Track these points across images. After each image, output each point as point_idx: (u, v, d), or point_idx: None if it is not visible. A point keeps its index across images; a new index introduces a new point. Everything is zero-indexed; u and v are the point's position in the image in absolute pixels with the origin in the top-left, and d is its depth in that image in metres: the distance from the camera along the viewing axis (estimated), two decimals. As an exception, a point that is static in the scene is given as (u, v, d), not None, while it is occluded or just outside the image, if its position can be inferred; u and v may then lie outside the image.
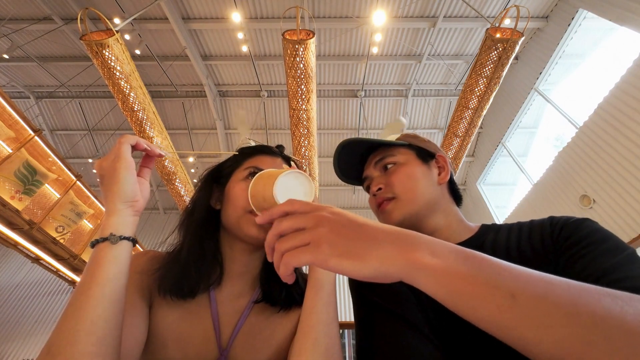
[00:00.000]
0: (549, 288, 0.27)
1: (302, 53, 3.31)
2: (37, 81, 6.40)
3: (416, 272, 0.31)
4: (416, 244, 0.32)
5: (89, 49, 2.96)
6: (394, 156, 0.71)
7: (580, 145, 4.21)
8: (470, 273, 0.29)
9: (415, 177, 0.67)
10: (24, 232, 3.22)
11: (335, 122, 6.98)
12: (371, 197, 0.72)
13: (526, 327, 0.27)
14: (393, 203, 0.66)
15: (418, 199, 0.65)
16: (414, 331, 0.46)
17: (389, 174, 0.69)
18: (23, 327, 6.26)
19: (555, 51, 4.80)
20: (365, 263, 0.32)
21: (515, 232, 0.58)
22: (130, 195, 0.48)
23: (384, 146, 0.73)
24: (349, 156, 0.77)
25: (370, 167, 0.74)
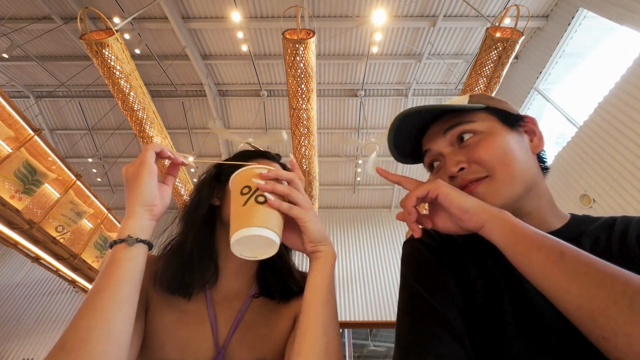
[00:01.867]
0: (594, 259, 0.34)
1: (302, 52, 3.31)
2: (37, 81, 6.40)
3: (497, 221, 0.43)
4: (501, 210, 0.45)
5: (89, 48, 2.95)
6: (473, 122, 0.54)
7: (580, 145, 4.21)
8: (534, 232, 0.40)
9: (510, 148, 0.52)
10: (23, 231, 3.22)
11: (335, 121, 6.98)
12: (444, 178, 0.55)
13: (564, 277, 0.34)
14: (486, 184, 0.51)
15: (518, 177, 0.50)
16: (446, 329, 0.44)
17: (471, 147, 0.53)
18: (23, 327, 6.26)
19: (555, 50, 4.79)
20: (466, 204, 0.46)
21: (617, 233, 0.48)
22: (148, 200, 0.50)
23: (454, 111, 0.57)
24: (406, 129, 0.60)
25: (437, 137, 0.57)
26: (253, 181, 0.52)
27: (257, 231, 0.47)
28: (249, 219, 0.48)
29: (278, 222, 0.50)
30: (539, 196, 0.53)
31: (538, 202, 0.53)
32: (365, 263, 7.35)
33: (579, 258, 0.35)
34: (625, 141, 3.61)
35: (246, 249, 0.50)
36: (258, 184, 0.51)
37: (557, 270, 0.35)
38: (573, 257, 0.35)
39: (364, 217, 8.37)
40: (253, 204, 0.50)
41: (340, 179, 8.10)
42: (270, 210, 0.50)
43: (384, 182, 8.13)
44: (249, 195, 0.50)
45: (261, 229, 0.47)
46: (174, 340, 0.59)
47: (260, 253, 0.51)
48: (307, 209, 0.52)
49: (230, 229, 0.49)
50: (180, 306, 0.62)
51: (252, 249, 0.50)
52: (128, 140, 7.31)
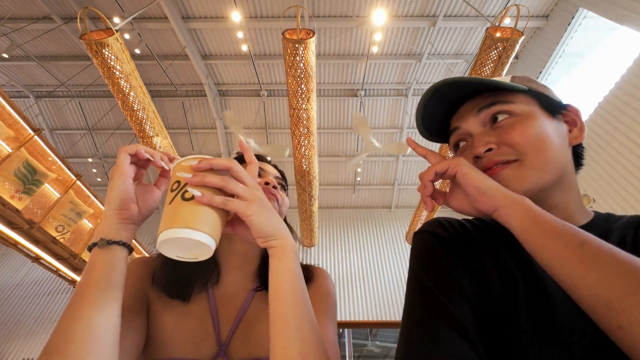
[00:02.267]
0: (616, 250, 0.33)
1: (302, 52, 3.31)
2: (37, 80, 6.40)
3: (514, 206, 0.42)
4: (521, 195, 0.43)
5: (89, 48, 2.96)
6: (512, 104, 0.51)
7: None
8: (554, 219, 0.38)
9: (547, 134, 0.49)
10: (24, 231, 3.22)
11: (335, 121, 6.98)
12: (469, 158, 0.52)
13: (582, 265, 0.33)
14: (514, 168, 0.48)
15: (550, 164, 0.48)
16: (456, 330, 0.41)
17: (504, 128, 0.50)
18: (23, 327, 6.27)
19: (555, 50, 4.80)
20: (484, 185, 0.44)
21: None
22: (117, 203, 0.48)
23: (492, 90, 0.53)
24: (436, 105, 0.56)
25: (469, 115, 0.53)
26: (179, 176, 0.45)
27: (180, 233, 0.41)
28: (172, 219, 0.42)
29: (211, 220, 0.44)
30: (568, 189, 0.51)
31: (566, 196, 0.50)
32: (365, 263, 7.35)
33: (600, 248, 0.34)
34: (625, 141, 3.61)
35: (177, 250, 0.45)
36: (184, 177, 0.45)
37: (576, 258, 0.34)
38: (594, 246, 0.34)
39: (364, 217, 8.37)
40: (179, 201, 0.44)
41: (340, 179, 8.10)
42: (199, 208, 0.43)
43: (384, 182, 8.13)
44: (177, 192, 0.45)
45: (185, 230, 0.41)
46: (176, 338, 0.59)
47: (198, 254, 0.46)
48: (250, 201, 0.45)
49: (158, 229, 0.44)
50: (182, 305, 0.62)
51: (184, 250, 0.45)
52: (128, 140, 7.31)
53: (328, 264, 7.39)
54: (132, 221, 0.50)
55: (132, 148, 0.51)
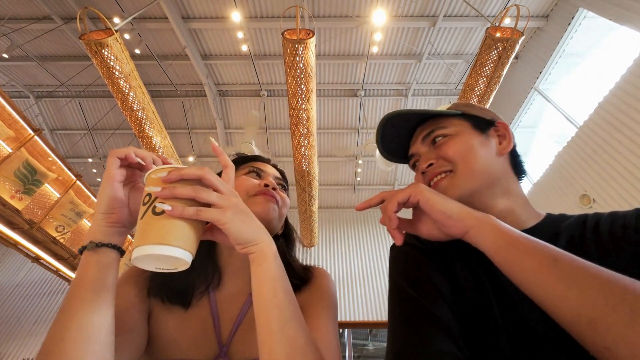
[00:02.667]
0: (587, 264, 0.33)
1: (302, 52, 3.31)
2: (37, 81, 6.40)
3: (483, 227, 0.43)
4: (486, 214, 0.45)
5: (88, 48, 2.96)
6: (445, 128, 0.62)
7: (580, 145, 4.21)
8: (523, 237, 0.40)
9: (471, 145, 0.59)
10: (24, 231, 3.22)
11: (335, 121, 6.98)
12: (419, 176, 0.64)
13: (560, 283, 0.33)
14: (449, 178, 0.57)
15: (477, 171, 0.56)
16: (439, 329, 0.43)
17: (441, 146, 0.60)
18: (23, 327, 6.26)
19: (555, 50, 4.79)
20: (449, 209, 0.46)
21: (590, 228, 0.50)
22: (104, 207, 0.48)
23: (434, 118, 0.65)
24: (395, 132, 0.67)
25: (417, 142, 0.65)
26: (147, 189, 0.44)
27: (152, 249, 0.40)
28: (144, 235, 0.41)
29: (184, 233, 0.43)
30: (509, 195, 0.57)
31: (509, 201, 0.57)
32: (365, 263, 7.34)
33: (573, 263, 0.34)
34: (625, 141, 3.61)
35: (153, 263, 0.44)
36: (153, 191, 0.43)
37: (552, 276, 0.34)
38: (566, 262, 0.34)
39: (364, 217, 8.37)
40: (150, 216, 0.42)
41: (340, 179, 8.10)
42: (171, 222, 0.42)
43: (384, 182, 8.13)
44: (147, 206, 0.43)
45: (157, 247, 0.40)
46: (178, 340, 0.60)
47: (176, 265, 0.44)
48: (224, 208, 0.44)
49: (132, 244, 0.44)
50: (184, 309, 0.63)
51: (161, 263, 0.44)
52: (128, 140, 7.31)
53: (328, 264, 7.39)
54: (122, 224, 0.50)
55: (122, 152, 0.50)
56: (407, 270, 0.53)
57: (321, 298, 0.67)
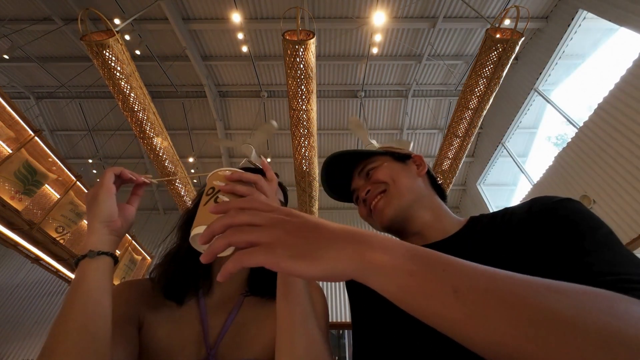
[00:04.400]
0: (492, 282, 0.28)
1: (302, 53, 3.31)
2: (37, 81, 6.41)
3: (369, 271, 0.31)
4: (370, 243, 0.32)
5: (89, 49, 2.96)
6: (373, 162, 0.76)
7: (580, 145, 4.21)
8: (418, 270, 0.30)
9: (396, 170, 0.72)
10: (23, 232, 3.21)
11: (335, 122, 6.98)
12: (361, 206, 0.75)
13: (467, 320, 0.27)
14: (384, 198, 0.69)
15: (404, 188, 0.68)
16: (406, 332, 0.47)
17: (372, 174, 0.73)
18: (23, 327, 6.26)
19: (555, 51, 4.80)
20: (319, 263, 0.31)
21: (499, 219, 0.58)
22: (106, 216, 0.53)
23: (363, 158, 0.78)
24: (337, 174, 0.80)
25: (355, 179, 0.78)
26: (214, 183, 0.53)
27: None
28: (204, 218, 0.49)
29: None
30: (433, 208, 0.68)
31: (432, 214, 0.67)
32: (366, 264, 7.33)
33: (473, 287, 0.28)
34: (625, 142, 3.61)
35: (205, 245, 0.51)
36: (218, 184, 0.52)
37: (459, 314, 0.27)
38: (466, 289, 0.28)
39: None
40: (212, 204, 0.50)
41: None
42: None
43: (384, 183, 8.13)
44: (211, 196, 0.52)
45: None
46: (167, 347, 0.62)
47: None
48: None
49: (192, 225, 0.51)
50: (174, 316, 0.65)
51: None
52: (128, 141, 7.32)
53: (328, 265, 7.38)
54: (117, 234, 0.55)
55: (118, 169, 0.58)
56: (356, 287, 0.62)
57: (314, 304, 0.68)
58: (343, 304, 6.74)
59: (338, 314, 6.63)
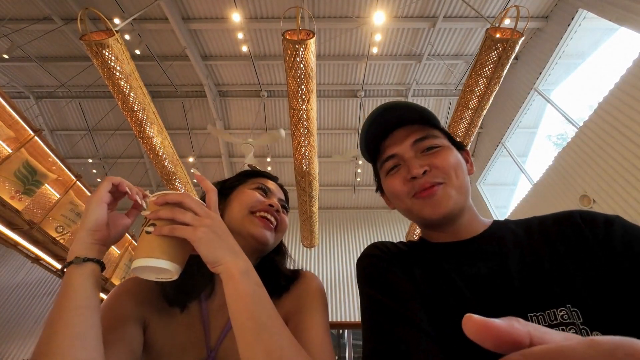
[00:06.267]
0: None
1: (302, 53, 3.31)
2: (37, 81, 6.40)
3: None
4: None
5: (89, 49, 2.96)
6: (437, 138, 0.65)
7: (580, 145, 4.21)
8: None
9: (460, 163, 0.63)
10: (23, 232, 3.21)
11: (335, 122, 6.98)
12: (401, 181, 0.63)
13: None
14: (443, 188, 0.60)
15: (464, 187, 0.62)
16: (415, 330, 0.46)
17: (434, 156, 0.62)
18: (23, 327, 6.26)
19: (555, 51, 4.80)
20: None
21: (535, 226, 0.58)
22: (91, 225, 0.53)
23: (420, 124, 0.67)
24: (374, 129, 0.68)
25: (405, 145, 0.64)
26: (142, 213, 0.54)
27: (144, 262, 0.49)
28: (138, 250, 0.50)
29: (169, 248, 0.51)
30: (469, 209, 0.63)
31: (469, 214, 0.63)
32: (365, 264, 7.33)
33: None
34: (625, 141, 3.61)
35: (150, 274, 0.52)
36: (144, 214, 0.53)
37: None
38: None
39: (364, 218, 8.37)
40: (143, 235, 0.51)
41: (340, 180, 8.10)
42: (156, 238, 0.50)
43: (384, 183, 8.12)
44: (142, 227, 0.52)
45: (147, 260, 0.49)
46: (169, 349, 0.62)
47: (169, 275, 0.52)
48: (195, 227, 0.51)
49: None
50: (176, 318, 0.65)
51: (155, 274, 0.52)
52: (128, 141, 7.32)
53: (328, 264, 7.39)
54: (103, 242, 0.54)
55: (117, 179, 0.58)
56: (373, 279, 0.57)
57: (310, 300, 0.68)
58: (343, 303, 6.74)
59: (338, 313, 6.63)
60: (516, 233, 0.58)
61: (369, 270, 0.59)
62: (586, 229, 0.53)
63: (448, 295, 0.52)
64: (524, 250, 0.54)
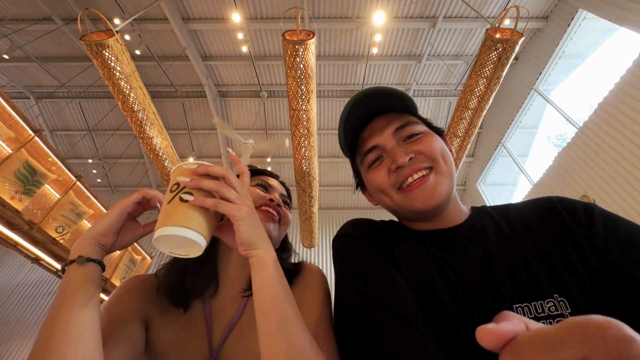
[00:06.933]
0: None
1: (302, 53, 3.31)
2: (37, 81, 6.40)
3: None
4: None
5: (89, 49, 2.96)
6: (417, 124, 0.61)
7: (580, 145, 4.21)
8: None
9: (446, 149, 0.60)
10: (23, 232, 3.22)
11: (335, 122, 6.98)
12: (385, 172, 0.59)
13: None
14: (434, 176, 0.57)
15: (453, 174, 0.58)
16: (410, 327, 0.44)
17: (416, 143, 0.58)
18: (23, 328, 6.26)
19: (555, 51, 4.80)
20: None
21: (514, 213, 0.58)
22: (99, 230, 0.52)
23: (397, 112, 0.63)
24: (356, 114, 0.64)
25: (386, 135, 0.61)
26: (178, 178, 0.49)
27: (175, 230, 0.45)
28: (169, 217, 0.46)
29: (203, 221, 0.47)
30: (455, 195, 0.61)
31: (454, 200, 0.61)
32: (365, 264, 7.32)
33: None
34: (625, 141, 3.61)
35: (170, 246, 0.49)
36: (182, 180, 0.48)
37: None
38: None
39: (364, 218, 8.35)
40: (177, 202, 0.47)
41: (340, 180, 8.10)
42: (193, 209, 0.47)
43: (384, 183, 8.12)
44: (175, 193, 0.48)
45: (179, 229, 0.45)
46: (172, 348, 0.62)
47: (190, 251, 0.49)
48: (239, 205, 0.49)
49: (155, 226, 0.48)
50: (180, 317, 0.65)
51: (177, 247, 0.49)
52: (128, 141, 7.32)
53: (328, 264, 7.38)
54: (106, 248, 0.53)
55: (151, 194, 0.57)
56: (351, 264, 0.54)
57: (315, 293, 0.67)
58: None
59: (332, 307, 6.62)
60: (497, 222, 0.57)
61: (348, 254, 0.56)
62: (567, 217, 0.53)
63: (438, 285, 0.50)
64: (507, 240, 0.53)
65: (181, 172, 0.50)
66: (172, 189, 0.49)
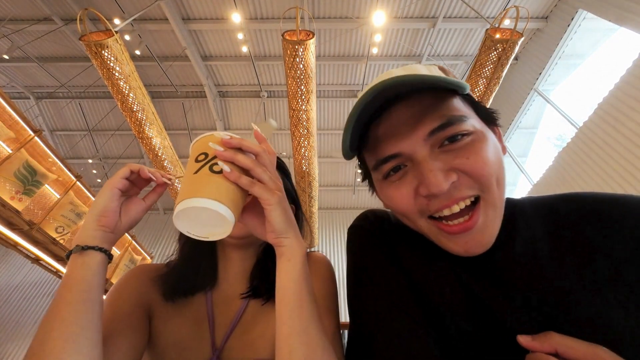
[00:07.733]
0: None
1: (302, 53, 3.31)
2: (37, 82, 6.40)
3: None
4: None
5: (88, 49, 2.96)
6: (466, 119, 0.40)
7: (580, 145, 4.21)
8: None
9: (499, 159, 0.41)
10: (23, 232, 3.22)
11: (335, 122, 6.98)
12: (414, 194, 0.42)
13: None
14: (483, 211, 0.40)
15: (503, 197, 0.42)
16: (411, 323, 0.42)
17: (462, 152, 0.39)
18: (23, 328, 6.26)
19: (554, 51, 4.80)
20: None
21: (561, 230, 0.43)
22: (98, 210, 0.49)
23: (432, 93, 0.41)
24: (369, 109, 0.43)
25: (415, 138, 0.40)
26: (210, 146, 0.43)
27: (205, 203, 0.39)
28: (198, 188, 0.40)
29: (234, 198, 0.42)
30: None
31: None
32: (365, 264, 7.32)
33: None
34: (624, 142, 3.61)
35: (192, 224, 0.42)
36: (216, 150, 0.43)
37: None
38: None
39: (364, 218, 8.35)
40: (206, 172, 0.41)
41: (340, 180, 8.10)
42: (225, 182, 0.41)
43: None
44: (204, 163, 0.42)
45: (210, 201, 0.39)
46: (175, 343, 0.61)
47: (211, 233, 0.43)
48: (272, 190, 0.44)
49: (177, 199, 0.41)
50: (183, 311, 0.64)
51: (200, 225, 0.42)
52: (128, 141, 7.32)
53: (328, 265, 7.37)
54: (111, 229, 0.50)
55: (137, 166, 0.53)
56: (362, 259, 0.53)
57: (321, 286, 0.65)
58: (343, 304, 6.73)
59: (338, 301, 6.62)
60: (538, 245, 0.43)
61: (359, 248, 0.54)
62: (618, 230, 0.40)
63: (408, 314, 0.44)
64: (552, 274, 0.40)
65: (213, 141, 0.44)
66: (199, 158, 0.43)
